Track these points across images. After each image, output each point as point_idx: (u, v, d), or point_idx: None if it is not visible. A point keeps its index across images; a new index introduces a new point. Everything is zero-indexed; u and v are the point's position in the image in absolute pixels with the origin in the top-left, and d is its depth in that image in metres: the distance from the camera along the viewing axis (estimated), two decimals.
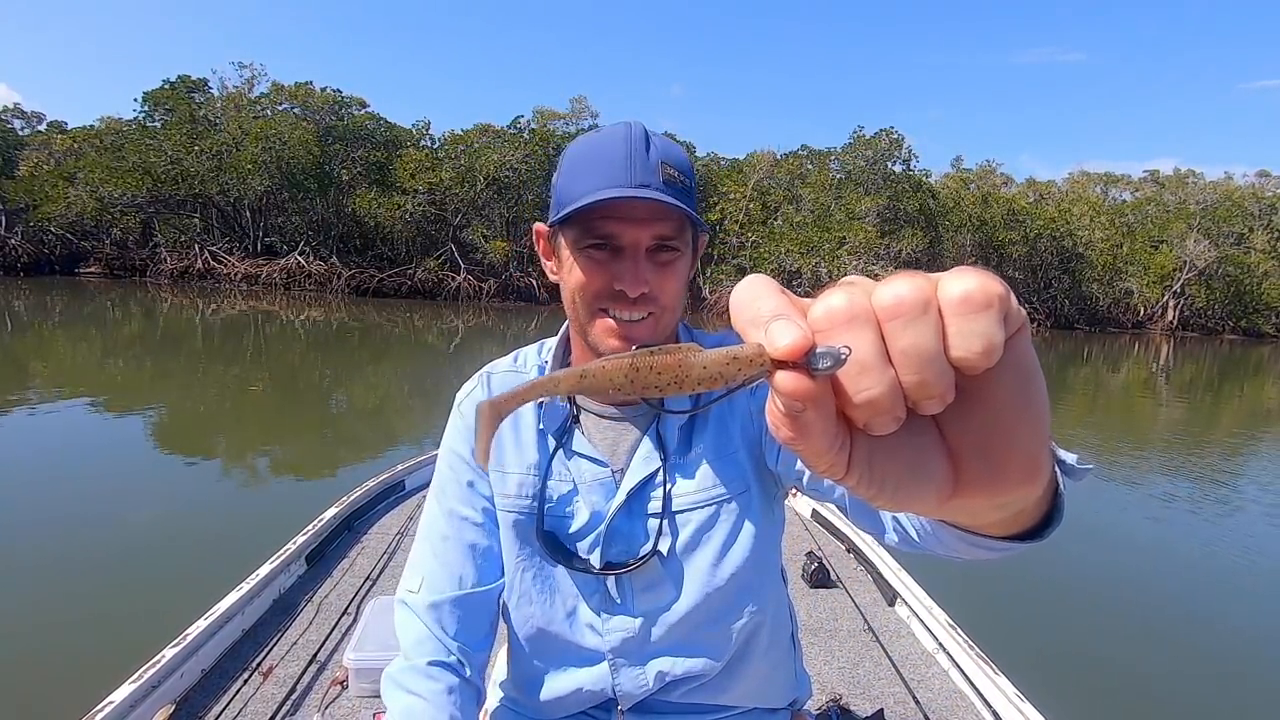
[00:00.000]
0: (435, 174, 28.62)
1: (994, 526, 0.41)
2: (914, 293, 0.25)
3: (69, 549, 3.82)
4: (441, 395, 9.27)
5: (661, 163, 0.80)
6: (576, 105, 33.98)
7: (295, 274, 28.28)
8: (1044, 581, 4.31)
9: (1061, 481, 0.44)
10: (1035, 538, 0.44)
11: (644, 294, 0.81)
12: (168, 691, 1.73)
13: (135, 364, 11.05)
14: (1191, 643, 3.75)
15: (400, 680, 0.91)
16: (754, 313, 0.27)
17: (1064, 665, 3.30)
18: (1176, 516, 6.04)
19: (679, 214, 0.81)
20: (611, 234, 0.81)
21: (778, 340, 0.26)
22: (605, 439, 0.94)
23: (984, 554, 0.48)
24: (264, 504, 5.01)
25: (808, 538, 3.15)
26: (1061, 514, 0.43)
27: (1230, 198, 41.67)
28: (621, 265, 0.81)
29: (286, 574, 2.41)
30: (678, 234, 0.82)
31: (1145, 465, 8.06)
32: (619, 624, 0.93)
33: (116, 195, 26.56)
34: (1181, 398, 15.37)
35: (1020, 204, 37.23)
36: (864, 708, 1.97)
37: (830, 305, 0.26)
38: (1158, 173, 46.98)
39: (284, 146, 27.47)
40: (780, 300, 0.27)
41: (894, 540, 0.66)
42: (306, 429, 7.62)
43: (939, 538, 0.52)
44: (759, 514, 0.92)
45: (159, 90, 30.73)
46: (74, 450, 5.86)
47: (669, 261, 0.83)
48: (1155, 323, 40.85)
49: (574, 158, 0.85)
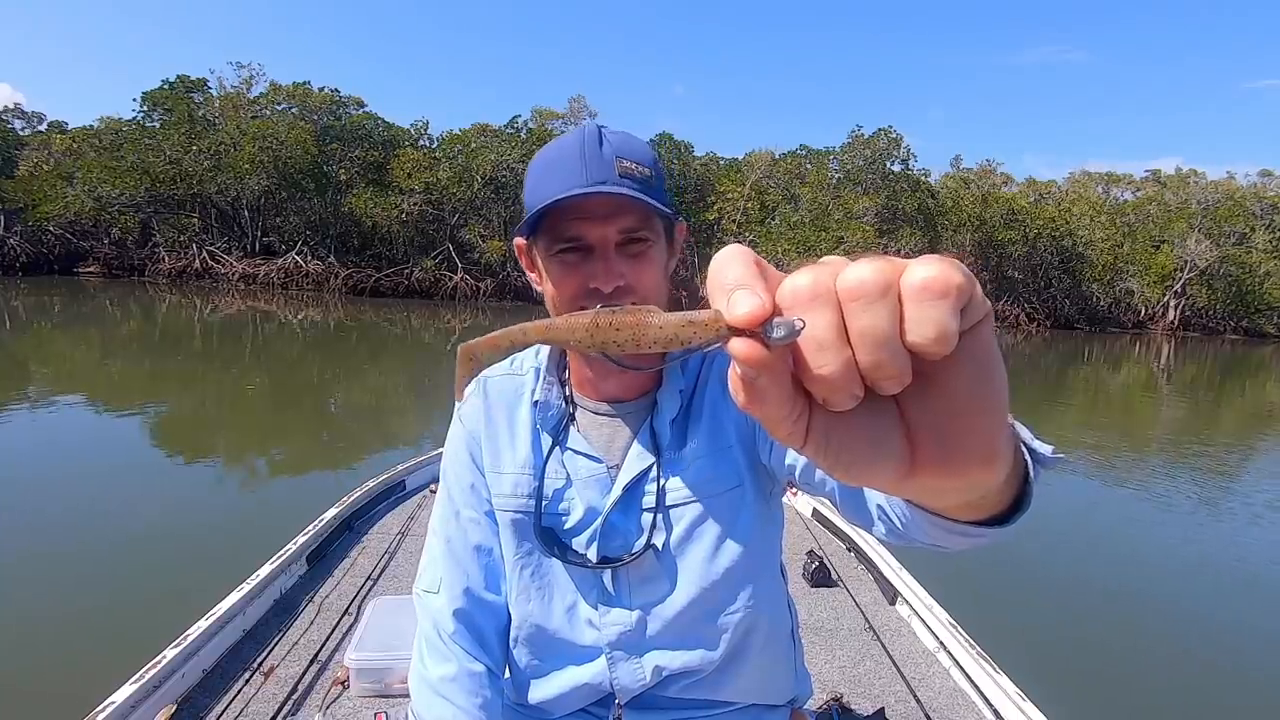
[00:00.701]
0: (432, 174, 28.63)
1: (959, 510, 0.42)
2: (876, 276, 0.26)
3: (70, 549, 3.82)
4: (440, 395, 9.29)
5: (617, 157, 0.81)
6: (575, 105, 33.99)
7: (293, 274, 28.32)
8: (1044, 581, 4.32)
9: (1032, 470, 0.44)
10: (1003, 524, 0.44)
11: (619, 287, 0.82)
12: (169, 692, 1.73)
13: (133, 363, 11.05)
14: (1192, 642, 3.75)
15: (437, 687, 0.93)
16: (721, 280, 0.28)
17: (1065, 664, 3.31)
18: (1178, 518, 6.04)
19: (641, 205, 0.81)
20: (578, 235, 0.82)
21: (736, 308, 0.27)
22: (600, 436, 0.95)
23: (959, 540, 0.49)
24: (264, 504, 5.01)
25: (809, 537, 3.15)
26: (1029, 502, 0.44)
27: (1232, 197, 41.40)
28: (593, 264, 0.82)
29: (287, 574, 2.41)
30: (644, 224, 0.83)
31: (1147, 467, 8.07)
32: (616, 618, 0.94)
33: (114, 195, 26.61)
34: (1183, 398, 15.37)
35: (1020, 203, 37.12)
36: (865, 707, 1.97)
37: (795, 283, 0.27)
38: (1159, 172, 46.72)
39: (281, 146, 27.51)
40: (748, 271, 0.28)
41: (881, 532, 0.67)
42: (306, 429, 7.62)
43: (916, 523, 0.53)
44: (753, 509, 0.93)
45: (158, 90, 30.79)
46: (74, 450, 5.86)
47: (641, 252, 0.84)
48: (1156, 323, 40.73)
49: (534, 169, 0.87)
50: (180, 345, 13.25)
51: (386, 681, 1.89)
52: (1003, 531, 0.45)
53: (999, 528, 0.45)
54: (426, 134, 33.71)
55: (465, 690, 0.92)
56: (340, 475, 5.67)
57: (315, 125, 29.87)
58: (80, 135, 29.81)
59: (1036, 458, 0.46)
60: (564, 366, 0.99)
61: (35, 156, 30.12)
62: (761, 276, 0.28)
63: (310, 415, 8.37)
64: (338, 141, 30.14)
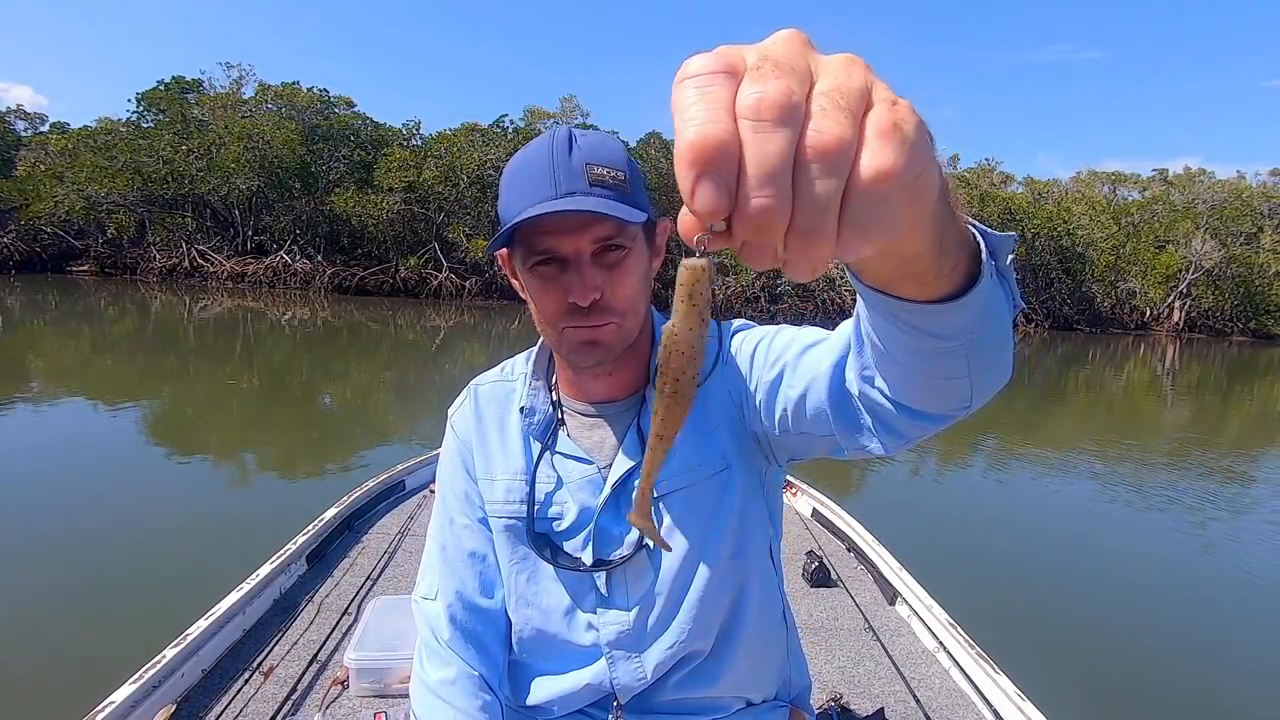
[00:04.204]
0: (415, 173, 28.55)
1: (900, 281, 0.46)
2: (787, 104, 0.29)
3: (70, 549, 3.80)
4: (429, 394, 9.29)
5: (586, 164, 0.78)
6: (567, 104, 33.95)
7: (281, 272, 28.40)
8: (1045, 581, 4.31)
9: (984, 251, 0.47)
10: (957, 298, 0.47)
11: (596, 301, 0.81)
12: (168, 692, 1.73)
13: (129, 362, 11.04)
14: (1191, 642, 3.75)
15: (436, 691, 0.94)
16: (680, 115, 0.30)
17: (1065, 664, 3.31)
18: (1180, 520, 6.04)
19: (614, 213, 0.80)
20: (550, 248, 0.80)
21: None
22: (590, 438, 0.95)
23: (934, 343, 0.51)
24: (264, 504, 5.01)
25: (808, 537, 3.15)
26: (981, 277, 0.47)
27: (1240, 197, 40.99)
28: (569, 277, 0.81)
29: (287, 574, 2.41)
30: (618, 232, 0.81)
31: (1149, 468, 8.06)
32: (613, 618, 0.94)
33: (102, 194, 26.69)
34: (1187, 400, 15.30)
35: (1017, 203, 37.00)
36: (864, 707, 1.97)
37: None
38: (1166, 172, 46.28)
39: (267, 146, 27.48)
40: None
41: (876, 444, 0.71)
42: (306, 429, 7.62)
43: (887, 354, 0.57)
44: (740, 491, 0.92)
45: (153, 91, 30.88)
46: (73, 450, 5.84)
47: (618, 261, 0.82)
48: (1161, 324, 40.51)
49: (506, 179, 0.85)
50: (173, 344, 13.24)
51: (386, 681, 1.89)
52: (961, 304, 0.47)
53: (955, 301, 0.47)
54: (419, 134, 33.61)
55: (465, 693, 0.93)
56: (340, 475, 5.67)
57: (302, 125, 29.78)
58: (76, 136, 29.88)
59: (988, 239, 0.48)
60: (551, 371, 0.99)
61: (32, 157, 30.21)
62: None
63: (310, 415, 8.37)
64: (324, 141, 30.09)
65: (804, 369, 0.79)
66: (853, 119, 0.30)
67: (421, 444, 6.18)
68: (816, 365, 0.76)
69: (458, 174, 28.70)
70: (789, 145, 0.29)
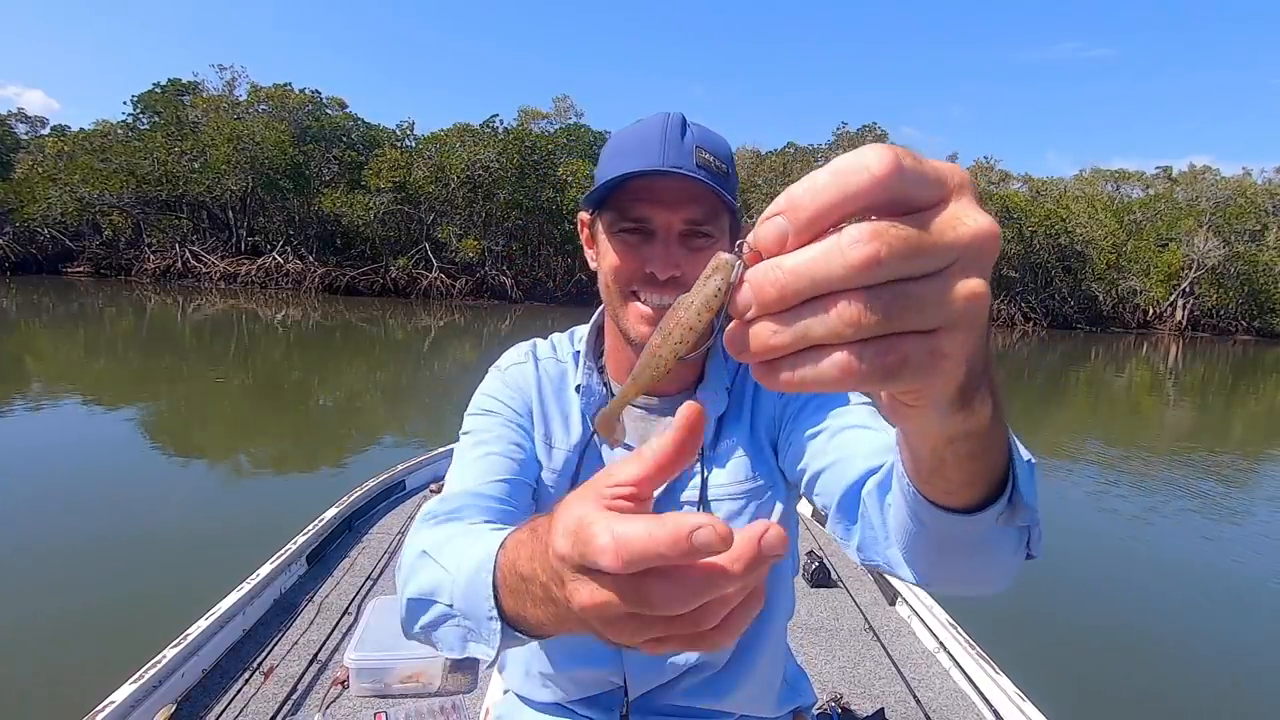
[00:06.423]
0: (405, 173, 28.57)
1: (946, 474, 0.44)
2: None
3: (70, 549, 3.80)
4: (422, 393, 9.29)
5: (696, 147, 0.80)
6: (560, 104, 33.93)
7: (273, 273, 28.50)
8: (1044, 581, 4.30)
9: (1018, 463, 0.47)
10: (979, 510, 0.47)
11: (673, 277, 0.81)
12: (169, 691, 1.73)
13: (125, 363, 11.03)
14: (1192, 642, 3.75)
15: (431, 552, 0.71)
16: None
17: (1065, 665, 3.31)
18: (1181, 521, 6.04)
19: (711, 198, 0.81)
20: (643, 216, 0.81)
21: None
22: (637, 429, 0.95)
23: (965, 528, 0.49)
24: (264, 504, 5.01)
25: (809, 537, 3.15)
26: (1014, 485, 0.47)
27: (1245, 194, 40.58)
28: (653, 249, 0.81)
29: (287, 574, 2.41)
30: (709, 219, 0.82)
31: (1150, 469, 8.05)
32: None
33: (95, 195, 26.80)
34: (1190, 401, 15.24)
35: (1015, 200, 36.88)
36: (865, 707, 1.97)
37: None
38: (1170, 169, 45.94)
39: (257, 147, 27.54)
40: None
41: (855, 540, 0.72)
42: (305, 428, 7.60)
43: (900, 519, 0.55)
44: (782, 509, 0.93)
45: (149, 93, 31.05)
46: (72, 451, 5.82)
47: (702, 247, 0.82)
48: (1164, 322, 40.31)
49: (612, 145, 0.86)
50: (169, 345, 13.23)
51: (386, 681, 1.90)
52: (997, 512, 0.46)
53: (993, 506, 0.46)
54: (412, 134, 33.58)
55: (472, 516, 0.79)
56: (341, 475, 5.67)
57: (294, 126, 29.76)
58: (73, 138, 29.99)
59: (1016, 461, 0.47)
60: (600, 353, 0.98)
61: (30, 159, 30.30)
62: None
63: (310, 415, 8.35)
64: (315, 142, 30.08)
65: (837, 446, 0.80)
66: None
67: (420, 443, 6.18)
68: (850, 454, 0.77)
69: (448, 174, 28.74)
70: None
